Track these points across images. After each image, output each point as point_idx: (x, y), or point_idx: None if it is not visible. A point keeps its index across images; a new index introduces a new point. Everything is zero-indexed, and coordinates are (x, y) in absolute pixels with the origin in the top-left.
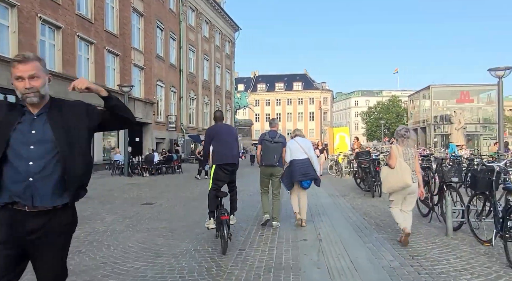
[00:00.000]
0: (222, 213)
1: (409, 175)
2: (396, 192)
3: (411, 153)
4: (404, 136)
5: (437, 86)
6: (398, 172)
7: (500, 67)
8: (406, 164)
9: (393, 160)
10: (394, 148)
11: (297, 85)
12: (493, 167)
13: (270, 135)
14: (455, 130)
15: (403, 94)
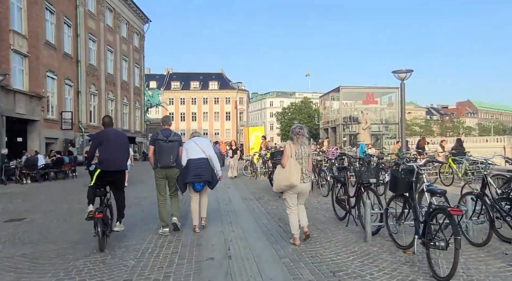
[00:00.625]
0: (97, 211)
1: (298, 175)
2: (289, 191)
3: (305, 152)
4: (299, 134)
5: (345, 87)
6: (287, 171)
7: (402, 70)
8: (297, 163)
9: (285, 159)
10: (287, 147)
11: (213, 84)
12: (413, 167)
13: (164, 134)
14: (362, 130)
15: (314, 96)
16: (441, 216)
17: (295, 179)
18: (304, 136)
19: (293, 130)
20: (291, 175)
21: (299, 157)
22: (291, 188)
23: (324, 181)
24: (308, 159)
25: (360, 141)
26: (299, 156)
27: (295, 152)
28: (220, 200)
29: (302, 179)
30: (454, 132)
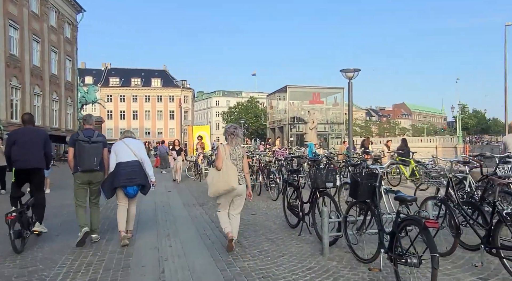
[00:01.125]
0: (7, 213)
1: (235, 177)
2: (223, 195)
3: (239, 153)
4: (233, 134)
5: (292, 86)
6: (223, 174)
7: (350, 69)
8: (233, 165)
9: (219, 161)
10: (221, 148)
11: (156, 81)
12: (377, 169)
13: (86, 134)
14: (309, 129)
15: (261, 96)
16: (412, 228)
17: (234, 181)
18: (238, 136)
19: (227, 130)
20: (229, 177)
21: (233, 158)
22: (230, 192)
23: (273, 184)
24: (242, 160)
25: (308, 141)
26: (233, 157)
27: (230, 153)
28: (158, 207)
29: (238, 181)
30: (391, 133)
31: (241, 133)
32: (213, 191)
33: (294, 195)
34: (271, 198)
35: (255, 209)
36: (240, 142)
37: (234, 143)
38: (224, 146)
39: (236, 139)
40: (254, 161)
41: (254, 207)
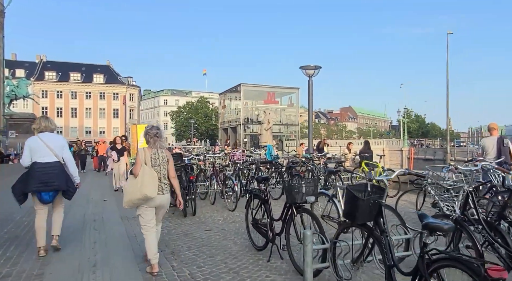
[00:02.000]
0: None
1: (153, 185)
2: (144, 206)
3: (163, 157)
4: (156, 136)
5: (247, 85)
6: (139, 181)
7: (310, 66)
8: (153, 171)
9: (137, 167)
10: (141, 153)
11: (98, 77)
12: (384, 181)
13: None
14: (264, 130)
15: (211, 96)
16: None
17: (150, 190)
18: (162, 138)
19: (148, 132)
20: (144, 185)
21: (156, 163)
22: (147, 202)
23: (230, 191)
24: (167, 165)
25: (263, 142)
26: (156, 162)
27: (151, 158)
28: (87, 222)
29: (161, 190)
30: (339, 135)
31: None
32: (127, 201)
33: (261, 210)
34: (227, 208)
35: (209, 223)
36: (164, 144)
37: (157, 146)
38: (145, 149)
39: (160, 141)
40: (207, 165)
41: (208, 220)
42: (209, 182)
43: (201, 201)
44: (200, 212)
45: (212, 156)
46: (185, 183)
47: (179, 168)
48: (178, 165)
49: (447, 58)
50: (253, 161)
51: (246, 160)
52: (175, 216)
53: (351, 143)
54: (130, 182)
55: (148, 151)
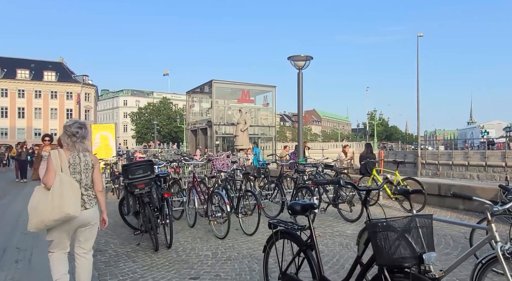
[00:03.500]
0: None
1: (76, 199)
2: (56, 228)
3: (87, 162)
4: (76, 136)
5: (219, 81)
6: (55, 195)
7: (300, 56)
8: (74, 180)
9: (49, 176)
10: (54, 156)
11: (50, 75)
12: None
13: None
14: (240, 131)
15: (174, 97)
16: None
17: (73, 206)
18: (85, 138)
19: (66, 130)
20: (64, 200)
21: (76, 170)
22: (66, 222)
23: (218, 212)
24: (92, 172)
25: (239, 145)
26: (76, 169)
27: (70, 163)
28: (9, 254)
29: (83, 204)
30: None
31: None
32: (36, 223)
33: (297, 261)
34: (215, 235)
35: (193, 262)
36: (87, 146)
37: (78, 148)
38: (60, 152)
39: (82, 142)
40: (185, 173)
41: (190, 257)
42: (187, 199)
43: (175, 222)
44: (177, 241)
45: (192, 163)
46: (156, 202)
47: (148, 181)
48: (147, 177)
49: (417, 61)
50: (244, 170)
51: (236, 168)
52: (142, 249)
53: (347, 146)
54: (40, 197)
55: (66, 154)
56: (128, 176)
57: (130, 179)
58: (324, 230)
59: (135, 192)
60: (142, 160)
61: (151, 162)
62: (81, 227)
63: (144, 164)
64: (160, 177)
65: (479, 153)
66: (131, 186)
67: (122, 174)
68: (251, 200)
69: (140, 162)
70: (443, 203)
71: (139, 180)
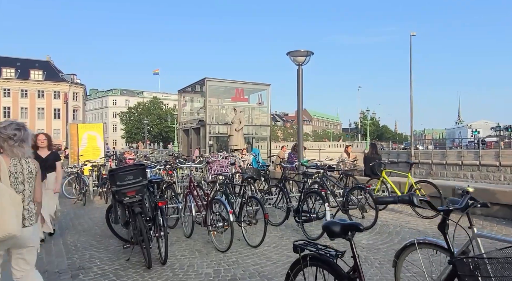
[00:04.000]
0: None
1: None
2: None
3: (30, 169)
4: (13, 139)
5: (212, 79)
6: None
7: (300, 51)
8: (15, 192)
9: None
10: None
11: (37, 73)
12: None
13: None
14: (235, 131)
15: (165, 96)
16: None
17: (14, 224)
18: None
19: (1, 132)
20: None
21: (18, 180)
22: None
23: (219, 222)
24: (35, 182)
25: (234, 145)
26: (18, 178)
27: (10, 172)
28: None
29: (23, 221)
30: (295, 138)
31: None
32: None
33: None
34: (216, 247)
35: None
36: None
37: (18, 153)
38: None
39: (20, 146)
40: (179, 177)
41: (189, 276)
42: (183, 204)
43: (170, 231)
44: (173, 256)
45: (189, 165)
46: (149, 211)
47: (140, 189)
48: (138, 184)
49: (410, 60)
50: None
51: (236, 172)
52: (132, 266)
53: (350, 145)
54: None
55: (6, 162)
56: (116, 182)
57: (118, 186)
58: (336, 240)
59: (125, 200)
60: (132, 164)
61: (143, 166)
62: (15, 248)
63: (135, 168)
64: (153, 182)
65: (472, 153)
66: (120, 194)
67: (109, 181)
68: (254, 205)
69: (130, 167)
70: None
71: (129, 187)
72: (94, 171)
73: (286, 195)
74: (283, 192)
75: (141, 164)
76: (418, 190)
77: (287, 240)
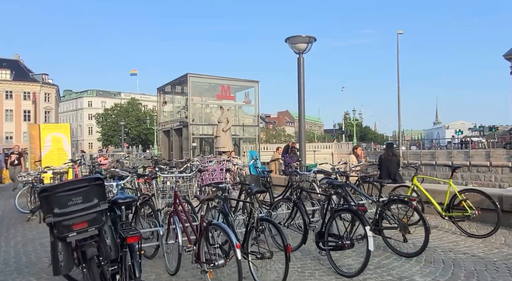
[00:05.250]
0: None
1: None
2: None
3: None
4: None
5: (195, 75)
6: None
7: (301, 36)
8: None
9: None
10: None
11: (4, 73)
12: None
13: None
14: (222, 131)
15: (144, 97)
16: None
17: None
18: None
19: None
20: None
21: None
22: None
23: (220, 258)
24: None
25: (221, 147)
26: None
27: None
28: None
29: None
30: (277, 139)
31: None
32: None
33: None
34: None
35: None
36: None
37: None
38: None
39: None
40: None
41: None
42: (165, 228)
43: (147, 263)
44: None
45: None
46: (112, 251)
47: (95, 217)
48: (92, 210)
49: (397, 59)
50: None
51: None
52: None
53: (359, 146)
54: None
55: None
56: (53, 209)
57: (57, 215)
58: (374, 272)
59: (69, 237)
60: (81, 178)
61: (99, 181)
62: None
63: (84, 185)
64: (120, 204)
65: (462, 153)
66: (60, 228)
67: (42, 206)
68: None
69: (77, 182)
70: (508, 220)
71: (76, 216)
72: (56, 179)
73: (304, 212)
74: (299, 208)
75: (96, 177)
76: (463, 201)
77: (310, 277)
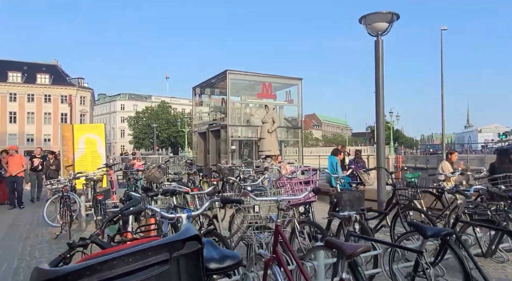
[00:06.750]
0: None
1: None
2: None
3: None
4: None
5: (234, 72)
6: None
7: (381, 13)
8: None
9: None
10: None
11: (44, 77)
12: None
13: None
14: (267, 133)
15: (174, 101)
16: None
17: None
18: None
19: None
20: None
21: None
22: None
23: None
24: None
25: (266, 151)
26: None
27: None
28: None
29: None
30: (305, 143)
31: None
32: None
33: None
34: None
35: None
36: None
37: None
38: None
39: None
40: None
41: None
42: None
43: None
44: None
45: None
46: None
47: None
48: None
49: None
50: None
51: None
52: None
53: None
54: None
55: None
56: None
57: None
58: None
59: None
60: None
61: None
62: None
63: (157, 259)
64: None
65: None
66: None
67: None
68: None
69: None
70: None
71: None
72: (89, 186)
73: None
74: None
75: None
76: None
77: None
